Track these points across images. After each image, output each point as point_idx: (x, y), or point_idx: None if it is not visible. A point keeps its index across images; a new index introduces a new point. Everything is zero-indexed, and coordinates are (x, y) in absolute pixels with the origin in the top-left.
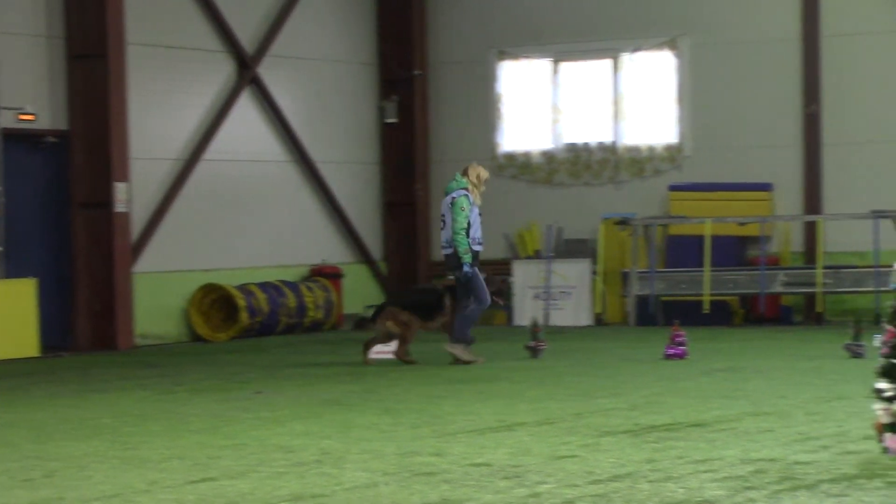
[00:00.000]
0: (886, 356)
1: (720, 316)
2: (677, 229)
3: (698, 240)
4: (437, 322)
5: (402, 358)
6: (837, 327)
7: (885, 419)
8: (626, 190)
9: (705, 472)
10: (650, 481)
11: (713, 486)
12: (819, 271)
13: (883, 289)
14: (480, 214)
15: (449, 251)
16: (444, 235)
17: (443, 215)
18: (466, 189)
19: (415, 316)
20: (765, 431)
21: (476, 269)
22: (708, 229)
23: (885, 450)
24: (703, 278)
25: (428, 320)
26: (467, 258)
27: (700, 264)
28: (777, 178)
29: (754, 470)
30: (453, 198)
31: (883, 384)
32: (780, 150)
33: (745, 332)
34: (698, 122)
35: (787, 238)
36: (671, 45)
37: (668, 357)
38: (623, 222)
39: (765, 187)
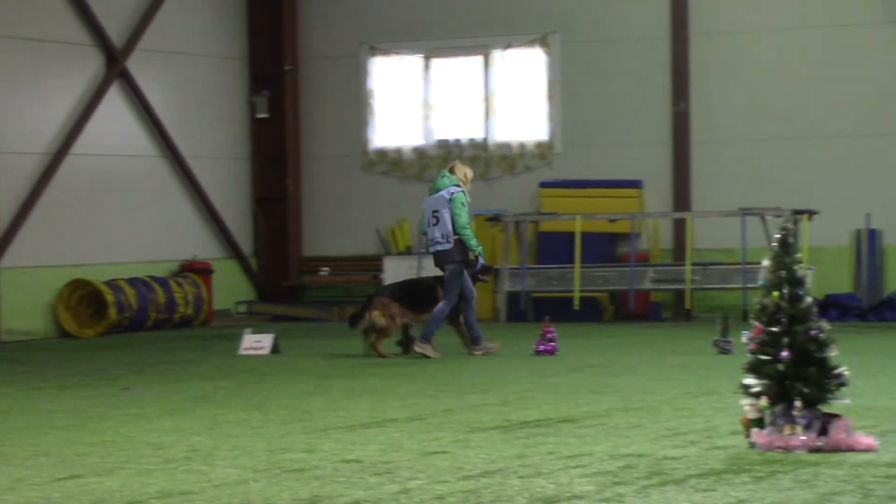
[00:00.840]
0: (754, 352)
1: (590, 312)
2: (548, 226)
3: (569, 236)
4: (428, 313)
5: (378, 351)
6: (706, 324)
7: (752, 415)
8: (497, 186)
9: (575, 467)
10: (520, 477)
11: (583, 481)
12: (688, 268)
13: (751, 285)
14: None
15: (443, 247)
16: (438, 231)
17: (435, 212)
18: (459, 185)
19: (406, 308)
20: (634, 427)
21: (459, 267)
22: (578, 226)
23: (752, 445)
24: (574, 275)
25: (420, 311)
26: (480, 249)
27: (570, 261)
28: (646, 175)
29: (623, 465)
30: (452, 193)
31: (750, 380)
32: (650, 147)
33: (614, 329)
34: (569, 119)
35: (656, 235)
36: (542, 42)
37: (539, 353)
38: (494, 219)
39: (634, 184)
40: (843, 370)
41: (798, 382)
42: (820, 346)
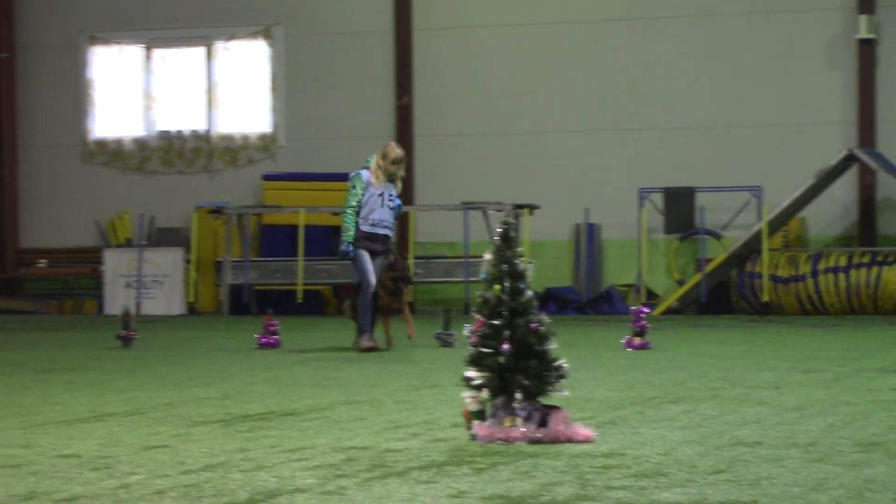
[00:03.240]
0: (475, 345)
1: (314, 305)
2: (271, 219)
3: (292, 229)
4: (397, 304)
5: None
6: (429, 317)
7: (474, 407)
8: (220, 178)
9: (297, 460)
10: (242, 471)
11: (305, 474)
12: (411, 261)
13: (473, 279)
14: (392, 197)
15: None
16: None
17: None
18: (368, 168)
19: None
20: (357, 420)
21: (363, 251)
22: (302, 219)
23: (474, 437)
24: (297, 268)
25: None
26: (346, 237)
27: (294, 254)
28: None
29: (346, 458)
30: (351, 175)
31: (471, 373)
32: (374, 140)
33: (337, 321)
34: (292, 111)
35: None
36: (265, 34)
37: (262, 346)
38: (216, 211)
39: None
40: (563, 363)
41: (518, 375)
42: (540, 339)
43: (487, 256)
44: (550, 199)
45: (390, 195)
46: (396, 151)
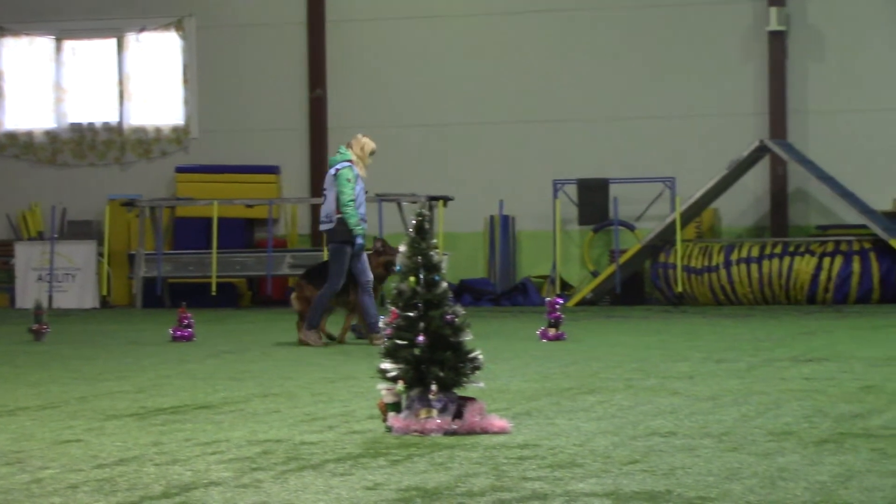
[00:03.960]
0: (390, 337)
1: (228, 298)
2: (185, 211)
3: (206, 222)
4: (345, 295)
5: (298, 332)
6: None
7: (389, 399)
8: (133, 171)
9: (212, 453)
10: (156, 464)
11: (220, 467)
12: (325, 254)
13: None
14: (367, 192)
15: (329, 226)
16: (323, 211)
17: (324, 189)
18: (351, 161)
19: (318, 289)
20: (272, 412)
21: (348, 247)
22: (215, 211)
23: (389, 429)
24: (211, 260)
25: (339, 296)
26: (360, 229)
27: (207, 246)
28: (283, 161)
29: (261, 451)
30: (338, 169)
31: (387, 364)
32: (287, 133)
33: (252, 314)
34: (205, 104)
35: (294, 220)
36: (177, 26)
37: (176, 339)
38: (129, 204)
39: (272, 170)
40: (478, 354)
41: (434, 366)
42: (455, 331)
43: (402, 248)
44: (465, 190)
45: (364, 189)
46: (372, 144)
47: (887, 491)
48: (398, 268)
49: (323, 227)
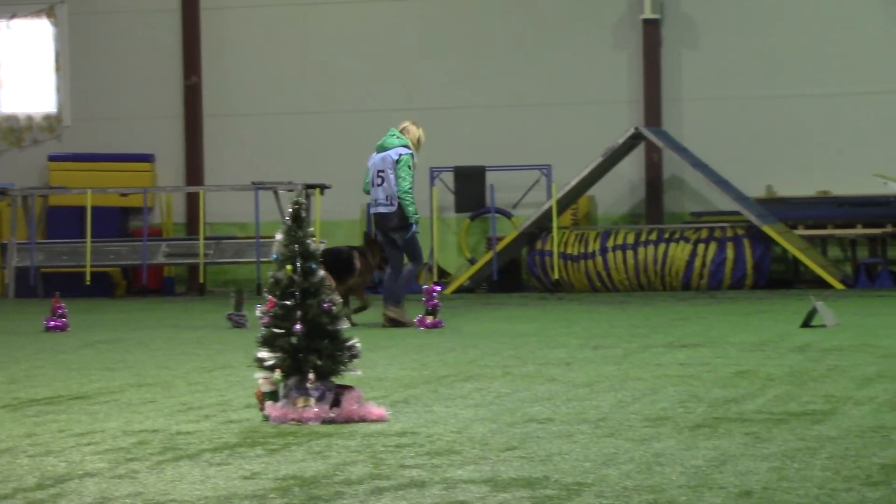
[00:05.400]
0: (267, 326)
1: (102, 287)
2: (58, 200)
3: (80, 210)
4: (345, 284)
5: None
6: (220, 298)
7: (266, 388)
8: (4, 159)
9: (87, 444)
10: (30, 456)
11: (95, 458)
12: (201, 242)
13: (264, 259)
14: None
15: (387, 209)
16: (383, 192)
17: (381, 171)
18: (409, 147)
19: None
20: (147, 402)
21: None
22: (89, 200)
23: (266, 418)
24: (85, 249)
25: (336, 282)
26: (416, 217)
27: (81, 235)
28: (158, 149)
29: (137, 441)
30: (400, 154)
31: (264, 353)
32: (161, 121)
33: (127, 304)
34: (78, 91)
35: (169, 209)
36: (49, 12)
37: (49, 329)
38: (1, 192)
39: (146, 158)
40: (356, 342)
41: (311, 355)
42: (332, 319)
43: (279, 237)
44: (342, 178)
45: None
46: (420, 130)
47: (761, 474)
48: (274, 255)
49: (382, 210)
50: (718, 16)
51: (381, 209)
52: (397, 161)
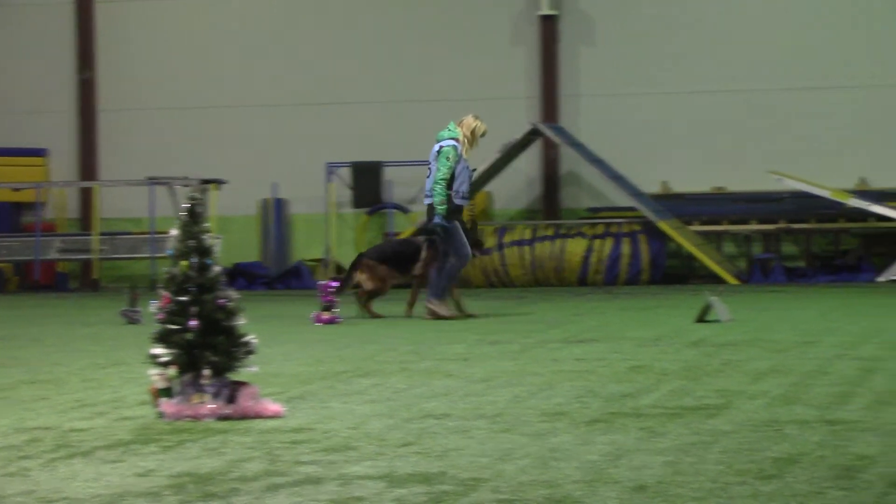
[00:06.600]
0: (162, 322)
1: None
2: None
3: None
4: (410, 273)
5: (368, 311)
6: (114, 294)
7: (161, 384)
8: None
9: None
10: None
11: None
12: (95, 238)
13: (159, 255)
14: (474, 169)
15: (429, 201)
16: (428, 184)
17: (429, 164)
18: (457, 139)
19: (392, 269)
20: (40, 399)
21: (456, 222)
22: None
23: (161, 415)
24: None
25: (403, 272)
26: (441, 209)
27: None
28: (51, 143)
29: (29, 439)
30: (442, 146)
31: (158, 350)
32: (54, 115)
33: (19, 299)
34: None
35: (62, 204)
36: None
37: None
38: None
39: (39, 153)
40: (251, 338)
41: (206, 351)
42: (228, 315)
43: (174, 232)
44: (238, 174)
45: (472, 168)
46: (483, 126)
47: (655, 468)
48: (169, 251)
49: (427, 201)
50: (616, 13)
51: (427, 200)
52: (438, 152)
